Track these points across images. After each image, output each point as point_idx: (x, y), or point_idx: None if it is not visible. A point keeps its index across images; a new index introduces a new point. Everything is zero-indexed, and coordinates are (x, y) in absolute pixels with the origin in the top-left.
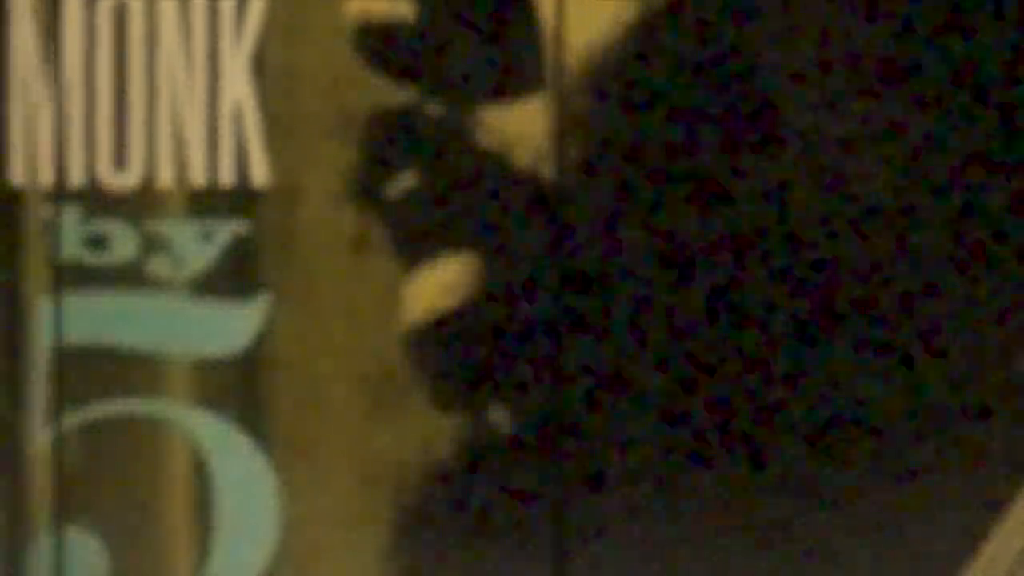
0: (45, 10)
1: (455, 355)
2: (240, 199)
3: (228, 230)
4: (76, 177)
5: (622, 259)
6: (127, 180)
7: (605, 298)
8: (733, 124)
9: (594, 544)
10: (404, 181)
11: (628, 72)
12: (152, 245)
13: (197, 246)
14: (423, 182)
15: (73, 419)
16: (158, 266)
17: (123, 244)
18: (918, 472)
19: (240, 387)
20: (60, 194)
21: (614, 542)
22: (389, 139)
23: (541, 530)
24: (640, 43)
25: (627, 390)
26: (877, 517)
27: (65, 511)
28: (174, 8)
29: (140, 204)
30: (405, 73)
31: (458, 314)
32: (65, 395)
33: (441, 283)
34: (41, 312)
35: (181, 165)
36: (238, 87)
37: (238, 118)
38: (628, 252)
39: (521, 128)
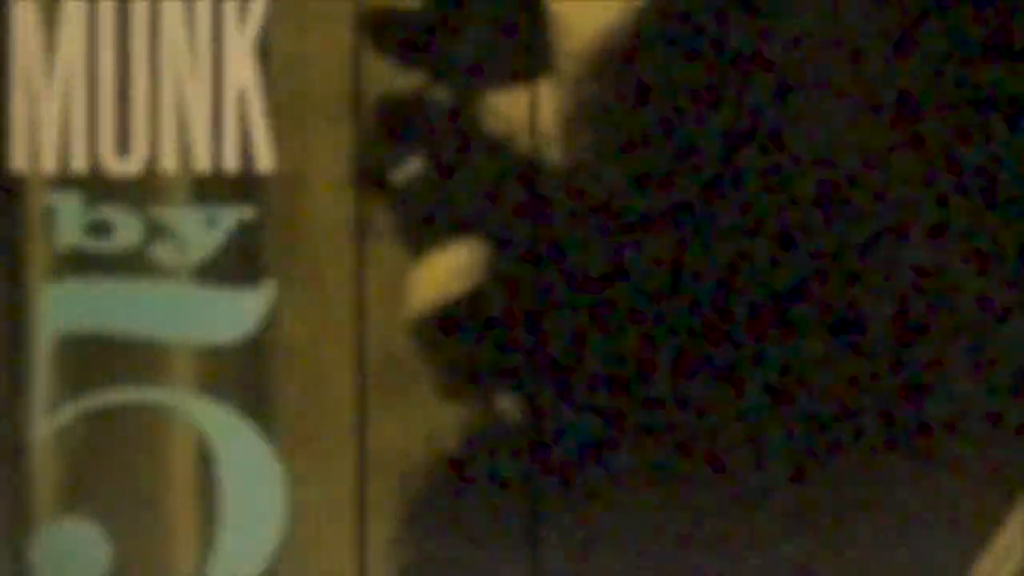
0: None
1: (461, 343)
2: (244, 185)
3: (232, 216)
4: (79, 163)
5: (630, 246)
6: (130, 166)
7: (613, 285)
8: (743, 110)
9: (606, 535)
10: (410, 167)
11: (637, 57)
12: (156, 231)
13: (201, 232)
14: (429, 168)
15: (76, 407)
16: (162, 252)
17: (126, 230)
18: (930, 464)
19: (245, 374)
20: (62, 180)
21: (629, 533)
22: (395, 124)
23: (550, 521)
24: (649, 28)
25: (636, 380)
26: (887, 509)
27: (67, 500)
28: None
29: (143, 190)
30: (411, 58)
31: (465, 301)
32: (68, 383)
33: (447, 269)
34: (43, 299)
35: (185, 151)
36: (242, 72)
37: (242, 103)
38: (636, 239)
39: (528, 114)
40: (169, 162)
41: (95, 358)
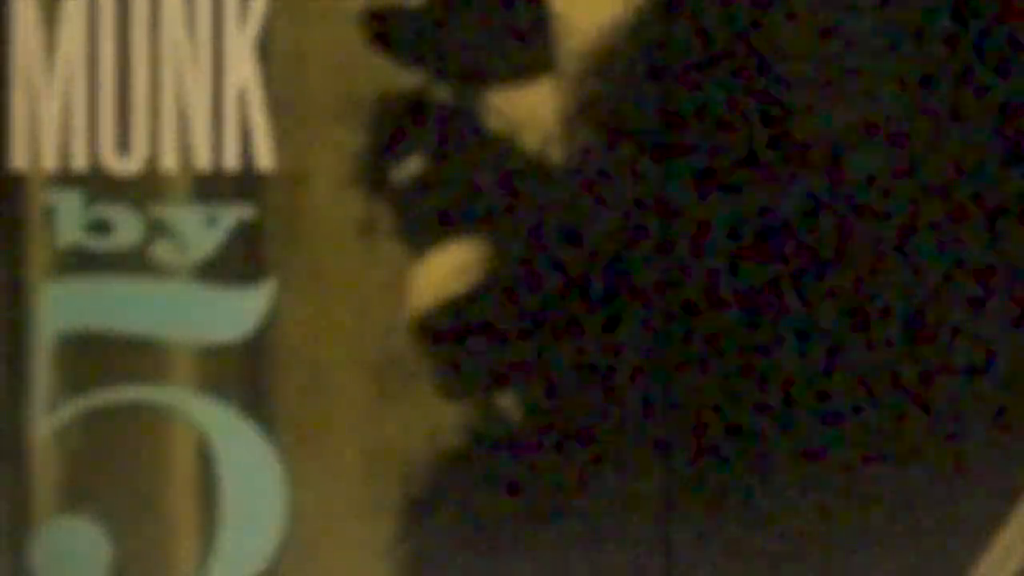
0: None
1: (463, 341)
2: (245, 184)
3: (233, 215)
4: (79, 162)
5: (632, 242)
6: (130, 165)
7: (615, 282)
8: (747, 108)
9: (613, 532)
10: (411, 165)
11: (639, 55)
12: (156, 230)
13: (201, 231)
14: (431, 166)
15: (75, 406)
16: (162, 251)
17: (126, 229)
18: (933, 460)
19: (245, 374)
20: (63, 179)
21: (638, 530)
22: (396, 123)
23: (553, 519)
24: (651, 25)
25: (639, 377)
26: (890, 507)
27: (67, 500)
28: None
29: (144, 189)
30: (412, 56)
31: (466, 300)
32: (67, 382)
33: (449, 268)
34: (43, 298)
35: (185, 149)
36: (243, 70)
37: (243, 102)
38: (639, 235)
39: (530, 112)
40: (169, 161)
41: (95, 358)
